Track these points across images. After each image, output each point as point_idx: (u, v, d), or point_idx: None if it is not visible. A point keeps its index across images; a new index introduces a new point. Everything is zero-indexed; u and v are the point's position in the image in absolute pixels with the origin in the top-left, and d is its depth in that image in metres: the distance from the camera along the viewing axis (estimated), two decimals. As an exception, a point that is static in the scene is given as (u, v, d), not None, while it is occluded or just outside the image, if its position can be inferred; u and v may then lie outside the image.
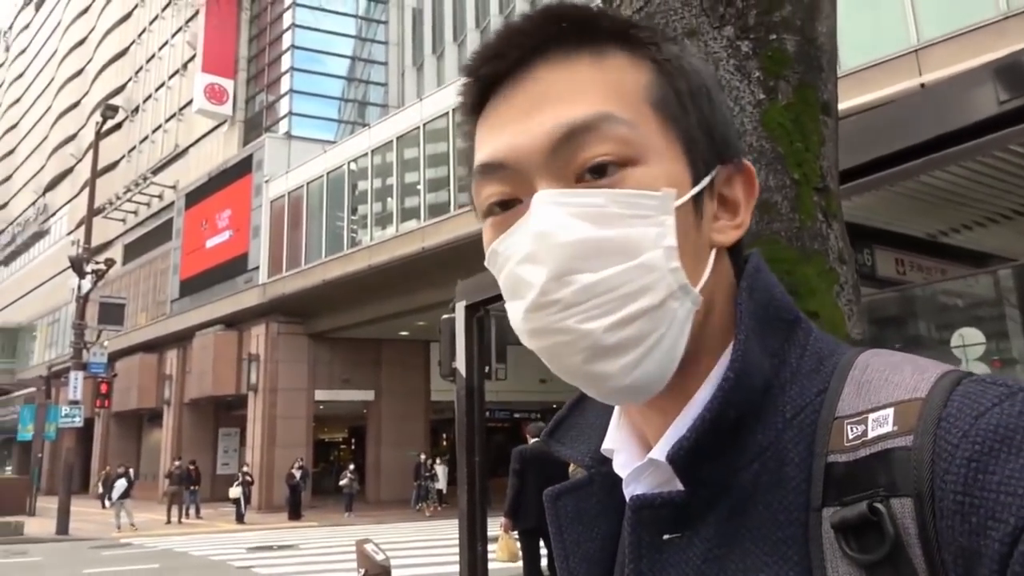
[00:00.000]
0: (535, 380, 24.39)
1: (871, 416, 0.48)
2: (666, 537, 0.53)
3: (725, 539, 0.51)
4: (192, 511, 21.50)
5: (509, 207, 0.55)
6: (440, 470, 22.51)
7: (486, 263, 0.58)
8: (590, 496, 0.62)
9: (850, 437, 0.48)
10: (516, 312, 0.53)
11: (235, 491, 20.42)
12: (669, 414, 0.55)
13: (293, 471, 20.99)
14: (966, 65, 8.08)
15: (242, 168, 26.35)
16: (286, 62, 30.12)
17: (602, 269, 0.50)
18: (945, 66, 8.88)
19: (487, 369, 6.48)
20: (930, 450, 0.44)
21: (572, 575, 0.62)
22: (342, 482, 22.00)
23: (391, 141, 20.38)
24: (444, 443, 29.50)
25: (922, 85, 9.03)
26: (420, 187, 19.46)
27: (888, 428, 0.47)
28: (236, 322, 25.67)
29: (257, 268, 24.37)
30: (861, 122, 4.59)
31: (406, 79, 30.59)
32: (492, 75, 0.56)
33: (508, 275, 0.54)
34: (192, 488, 21.55)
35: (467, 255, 16.70)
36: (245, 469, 21.98)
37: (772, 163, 1.55)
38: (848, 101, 9.72)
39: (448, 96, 18.81)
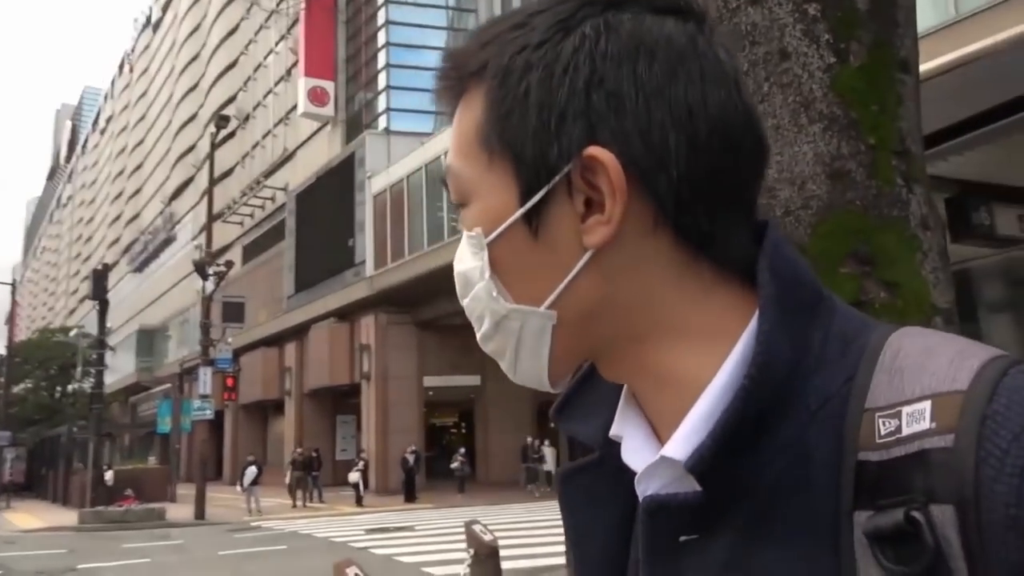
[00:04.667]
0: (640, 361, 24.15)
1: (905, 410, 0.44)
2: (683, 539, 0.50)
3: (748, 543, 0.47)
4: (315, 495, 22.66)
5: None
6: (548, 452, 22.69)
7: None
8: (602, 476, 0.59)
9: (882, 433, 0.44)
10: None
11: (354, 476, 21.37)
12: (681, 399, 0.52)
13: (407, 455, 21.72)
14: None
15: (346, 166, 27.34)
16: (382, 59, 30.87)
17: (465, 297, 0.57)
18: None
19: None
20: (973, 453, 0.40)
21: (584, 559, 0.60)
22: (453, 465, 22.59)
23: (485, 129, 20.57)
24: (552, 425, 29.69)
25: (1050, 26, 8.25)
26: (515, 173, 19.57)
27: (925, 425, 0.42)
28: (347, 314, 26.74)
29: (364, 262, 25.27)
30: (972, 72, 4.27)
31: (497, 66, 30.71)
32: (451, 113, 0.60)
33: None
34: (314, 474, 22.71)
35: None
36: (363, 455, 22.93)
37: (845, 129, 1.49)
38: (964, 47, 8.96)
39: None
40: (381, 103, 30.59)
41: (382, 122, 29.76)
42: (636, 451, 0.55)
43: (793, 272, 0.52)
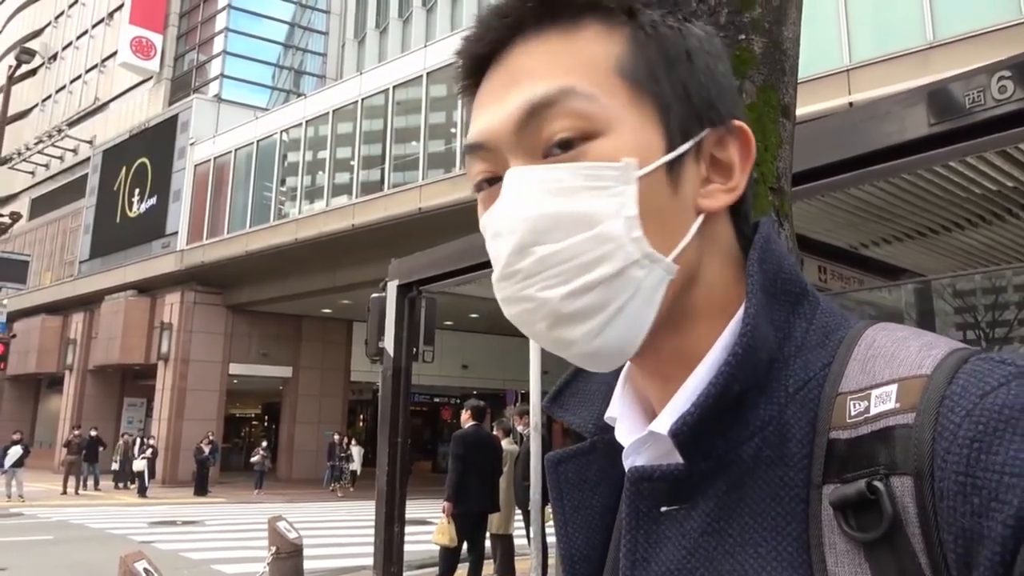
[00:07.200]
0: (457, 365, 24.38)
1: (874, 392, 0.47)
2: (664, 509, 0.53)
3: (724, 513, 0.51)
4: (91, 482, 20.61)
5: (494, 183, 0.57)
6: (356, 451, 22.26)
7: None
8: (592, 463, 0.62)
9: (852, 413, 0.48)
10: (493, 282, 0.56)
11: (139, 463, 19.66)
12: (672, 381, 0.55)
13: (202, 445, 20.34)
14: (892, 88, 8.47)
15: (166, 128, 25.25)
16: (221, 21, 29.01)
17: (560, 240, 0.51)
18: (873, 87, 9.30)
19: (415, 350, 6.43)
20: (931, 428, 0.43)
21: (570, 541, 0.62)
22: (253, 459, 21.47)
23: (327, 114, 19.91)
24: (361, 423, 29.20)
25: (851, 104, 9.42)
26: (354, 163, 19.10)
27: (891, 405, 0.46)
28: (149, 288, 24.66)
29: (175, 233, 23.44)
30: (797, 133, 4.74)
31: (346, 52, 29.90)
32: (475, 57, 0.58)
33: (489, 250, 0.56)
34: (94, 464, 20.64)
35: (397, 235, 16.47)
36: (151, 441, 21.16)
37: (732, 160, 1.57)
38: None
39: (389, 73, 18.48)
40: (215, 68, 28.74)
41: (213, 88, 27.92)
42: (628, 432, 0.58)
43: (779, 265, 0.56)
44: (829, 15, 10.24)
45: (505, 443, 8.08)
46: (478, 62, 0.58)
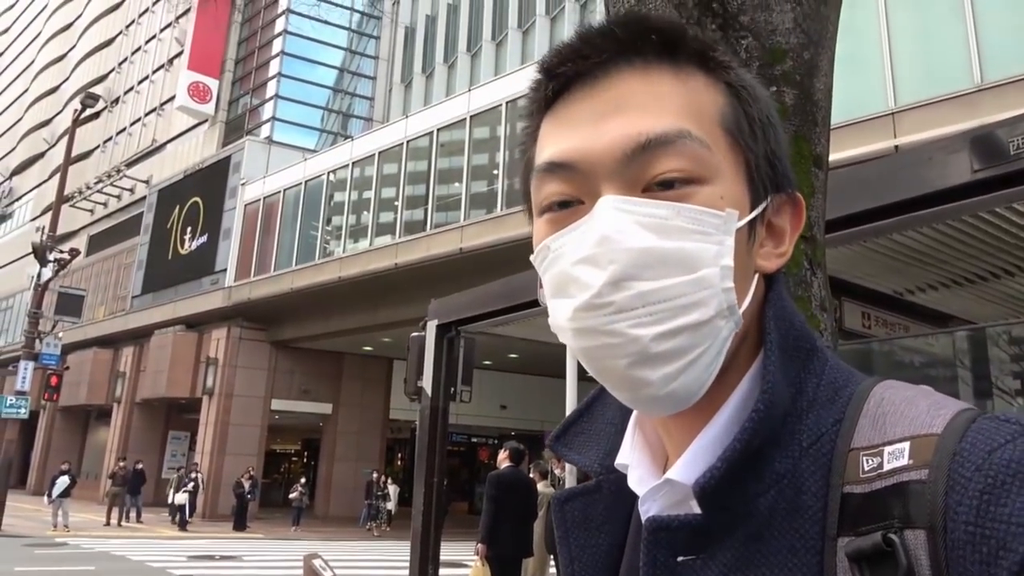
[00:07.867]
0: (495, 405, 24.29)
1: (887, 449, 0.49)
2: (681, 559, 0.54)
3: (741, 564, 0.51)
4: (133, 514, 20.89)
5: (567, 207, 0.56)
6: (392, 490, 22.20)
7: (532, 258, 0.59)
8: (598, 502, 0.63)
9: (866, 469, 0.49)
10: (563, 310, 0.54)
11: (180, 497, 19.84)
12: (691, 429, 0.56)
13: (243, 480, 20.51)
14: (938, 132, 8.35)
15: (219, 169, 26.11)
16: (274, 67, 30.06)
17: (660, 279, 0.51)
18: (919, 131, 9.17)
19: (453, 390, 6.44)
20: (944, 483, 0.45)
21: None
22: (292, 495, 21.55)
23: (373, 155, 20.38)
24: (399, 462, 29.17)
25: (896, 148, 9.30)
26: (398, 203, 19.45)
27: (904, 461, 0.48)
28: (197, 323, 25.23)
29: (224, 271, 24.05)
30: (840, 178, 4.72)
31: (393, 95, 30.68)
32: (572, 74, 0.56)
33: (559, 273, 0.54)
34: (136, 496, 20.90)
35: (439, 275, 16.65)
36: (194, 475, 21.28)
37: (764, 209, 1.58)
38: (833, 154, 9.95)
39: (434, 116, 18.89)
40: (267, 111, 29.67)
41: (264, 130, 28.82)
42: (641, 480, 0.59)
43: (790, 322, 0.58)
44: (873, 58, 10.19)
45: (541, 486, 8.00)
46: (571, 78, 0.56)
